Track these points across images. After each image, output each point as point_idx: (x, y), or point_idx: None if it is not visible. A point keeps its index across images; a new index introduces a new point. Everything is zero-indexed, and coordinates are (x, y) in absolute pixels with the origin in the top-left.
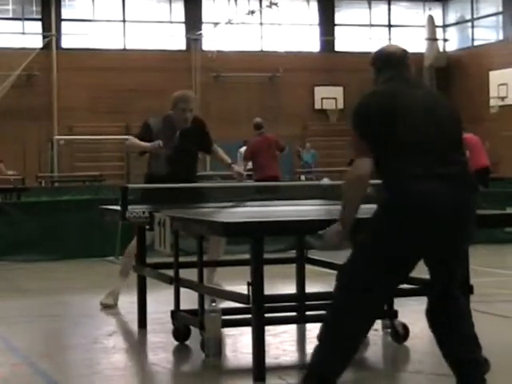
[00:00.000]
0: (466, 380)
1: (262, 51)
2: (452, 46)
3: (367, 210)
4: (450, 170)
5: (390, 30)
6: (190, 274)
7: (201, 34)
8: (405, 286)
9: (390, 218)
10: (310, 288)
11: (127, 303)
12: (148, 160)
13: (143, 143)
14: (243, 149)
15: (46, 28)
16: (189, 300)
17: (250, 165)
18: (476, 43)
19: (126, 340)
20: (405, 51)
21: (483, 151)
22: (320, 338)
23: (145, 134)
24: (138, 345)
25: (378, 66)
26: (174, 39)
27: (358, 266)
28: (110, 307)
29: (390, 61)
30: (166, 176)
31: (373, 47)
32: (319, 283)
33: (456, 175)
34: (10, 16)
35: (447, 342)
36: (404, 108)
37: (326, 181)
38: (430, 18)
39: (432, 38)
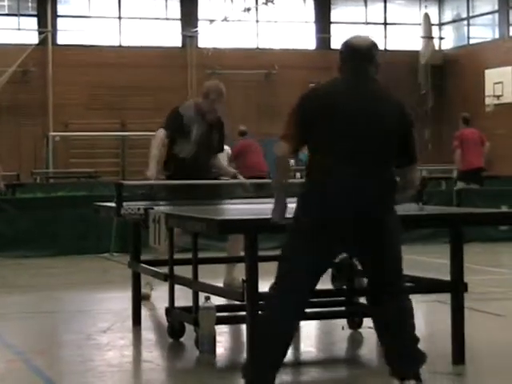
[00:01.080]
0: (397, 372)
1: (257, 48)
2: (448, 44)
3: None
4: (360, 172)
5: (385, 27)
6: (185, 271)
7: (197, 30)
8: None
9: (300, 207)
10: None
11: (122, 300)
12: (168, 144)
13: (153, 163)
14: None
15: (41, 24)
16: (183, 297)
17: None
18: (472, 41)
19: (121, 337)
20: (371, 45)
21: (478, 150)
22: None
23: (174, 124)
24: (132, 341)
25: (342, 57)
26: (170, 36)
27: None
28: (146, 298)
29: (353, 56)
30: (189, 159)
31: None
32: None
33: (367, 176)
34: (6, 12)
35: (381, 333)
36: (332, 109)
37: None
38: (426, 16)
39: (428, 36)
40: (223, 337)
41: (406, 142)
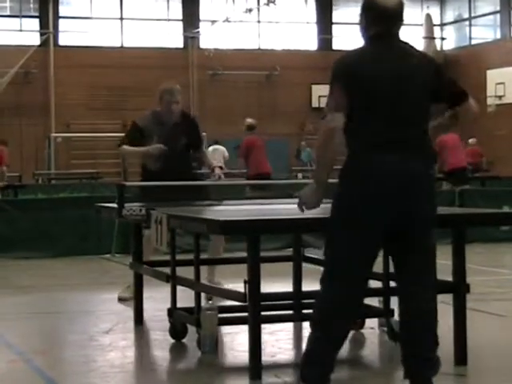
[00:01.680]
0: (412, 376)
1: (259, 49)
2: (449, 44)
3: None
4: (402, 145)
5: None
6: (187, 272)
7: (198, 31)
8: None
9: (344, 181)
10: (307, 286)
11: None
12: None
13: (141, 148)
14: (211, 148)
15: (43, 25)
16: (185, 298)
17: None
18: (473, 42)
19: (123, 337)
20: (401, 4)
21: (461, 150)
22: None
23: (135, 136)
24: (134, 342)
25: (367, 19)
26: (172, 37)
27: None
28: (126, 300)
29: (382, 17)
30: (159, 170)
31: None
32: (316, 281)
33: (412, 147)
34: (8, 13)
35: (403, 334)
36: (372, 76)
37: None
38: (428, 17)
39: (429, 37)
40: (225, 338)
41: (451, 87)
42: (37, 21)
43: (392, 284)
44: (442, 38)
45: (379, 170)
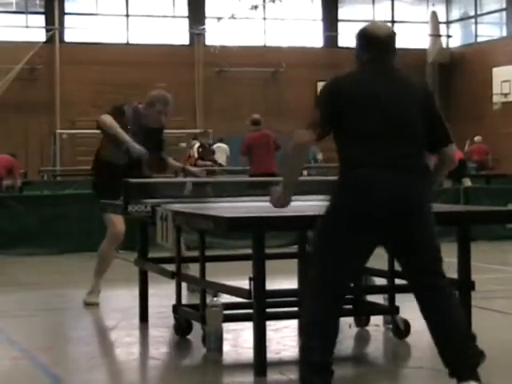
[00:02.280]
0: (455, 372)
1: (265, 46)
2: (455, 42)
3: None
4: (398, 162)
5: (393, 25)
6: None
7: (204, 28)
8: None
9: (335, 204)
10: None
11: (129, 297)
12: (103, 146)
13: (126, 135)
14: (215, 146)
15: (49, 22)
16: (190, 294)
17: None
18: (479, 40)
19: (128, 334)
20: (391, 33)
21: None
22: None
23: (118, 118)
24: (139, 339)
25: (360, 44)
26: (177, 34)
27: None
28: (95, 305)
29: (372, 43)
30: (126, 166)
31: None
32: None
33: (404, 166)
34: (14, 9)
35: (433, 333)
36: (363, 97)
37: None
38: (434, 14)
39: (435, 34)
40: (230, 334)
41: (437, 124)
42: (42, 17)
43: (397, 281)
44: (448, 36)
45: (374, 186)
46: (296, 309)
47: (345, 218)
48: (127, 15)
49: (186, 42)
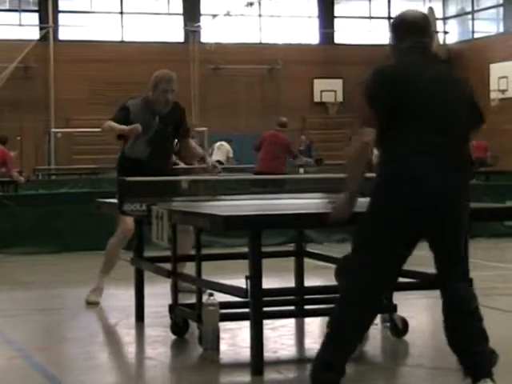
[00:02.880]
0: (470, 372)
1: (260, 43)
2: (452, 38)
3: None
4: (445, 151)
5: (389, 22)
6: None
7: (199, 25)
8: (404, 279)
9: (379, 190)
10: (309, 282)
11: (125, 297)
12: (122, 143)
13: (121, 126)
14: (218, 144)
15: (43, 20)
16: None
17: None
18: (476, 36)
19: (124, 334)
20: (426, 18)
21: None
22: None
23: (121, 117)
24: (135, 338)
25: (398, 34)
26: (172, 31)
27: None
28: (96, 304)
29: (411, 30)
30: (145, 160)
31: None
32: (318, 277)
33: (450, 157)
34: (7, 7)
35: (448, 333)
36: (412, 86)
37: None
38: (430, 10)
39: (432, 31)
40: (227, 334)
41: (480, 107)
42: (36, 15)
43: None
44: (445, 32)
45: (415, 178)
46: (293, 307)
47: (393, 215)
48: (122, 13)
49: (181, 39)
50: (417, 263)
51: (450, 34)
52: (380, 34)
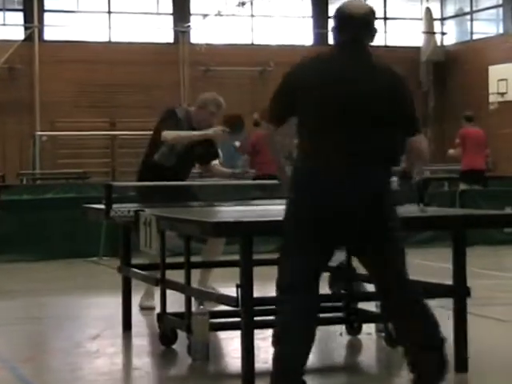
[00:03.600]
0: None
1: (252, 44)
2: (450, 39)
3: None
4: (358, 159)
5: (385, 22)
6: (177, 276)
7: (189, 26)
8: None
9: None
10: None
11: (112, 305)
12: (152, 149)
13: (199, 132)
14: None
15: (28, 19)
16: (176, 302)
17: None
18: (475, 37)
19: (110, 344)
20: (369, 12)
21: (481, 151)
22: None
23: (176, 123)
24: (122, 349)
25: (335, 24)
26: (162, 31)
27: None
28: (151, 310)
29: (348, 24)
30: (173, 168)
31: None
32: None
33: (367, 159)
34: None
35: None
36: (309, 87)
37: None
38: (428, 11)
39: (429, 32)
40: (217, 344)
41: (406, 114)
42: (21, 14)
43: None
44: (443, 33)
45: (324, 186)
46: None
47: (300, 219)
48: (109, 12)
49: (171, 40)
50: (413, 272)
51: (447, 35)
52: (376, 35)
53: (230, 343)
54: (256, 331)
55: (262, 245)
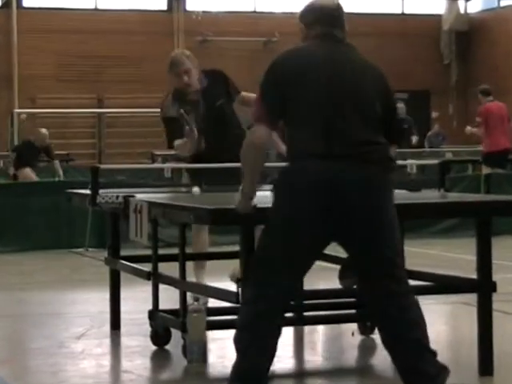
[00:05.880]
0: None
1: (255, 12)
2: (475, 7)
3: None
4: (350, 151)
5: None
6: (170, 268)
7: None
8: (418, 282)
9: (278, 193)
10: (309, 285)
11: (99, 301)
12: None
13: (181, 142)
14: None
15: None
16: (169, 298)
17: None
18: (502, 3)
19: (97, 343)
20: (339, 6)
21: (505, 128)
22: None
23: (173, 129)
24: (110, 349)
25: (307, 21)
26: None
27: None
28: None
29: (321, 17)
30: (205, 153)
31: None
32: (319, 279)
33: (357, 156)
34: None
35: (387, 346)
36: (309, 76)
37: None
38: None
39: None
40: (215, 344)
41: (387, 119)
42: None
43: None
44: (467, 0)
45: (313, 180)
46: (291, 314)
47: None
48: None
49: (164, 7)
50: (433, 264)
51: (471, 1)
52: (391, 2)
53: (229, 343)
54: None
55: None
